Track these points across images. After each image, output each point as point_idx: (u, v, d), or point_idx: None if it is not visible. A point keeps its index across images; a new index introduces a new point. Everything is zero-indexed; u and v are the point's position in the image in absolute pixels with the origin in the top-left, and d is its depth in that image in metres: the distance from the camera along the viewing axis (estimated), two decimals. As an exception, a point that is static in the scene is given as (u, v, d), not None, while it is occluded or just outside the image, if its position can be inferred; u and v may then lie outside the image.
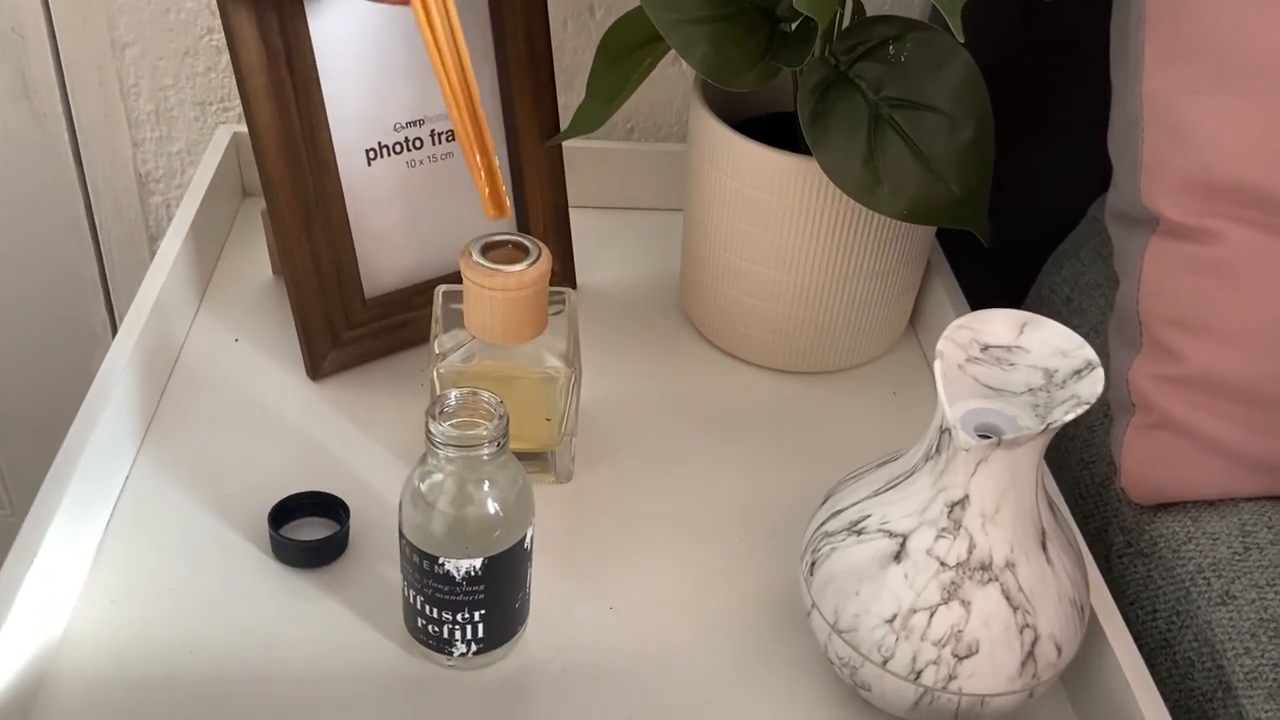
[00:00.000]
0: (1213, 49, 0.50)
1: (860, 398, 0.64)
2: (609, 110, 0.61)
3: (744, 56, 0.53)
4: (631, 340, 0.67)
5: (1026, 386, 0.44)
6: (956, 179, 0.54)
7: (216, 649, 0.48)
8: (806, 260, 0.61)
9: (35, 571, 0.46)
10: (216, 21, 0.76)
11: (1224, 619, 0.48)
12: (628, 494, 0.57)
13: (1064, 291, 0.68)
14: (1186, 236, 0.51)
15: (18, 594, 0.45)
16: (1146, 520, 0.54)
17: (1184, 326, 0.51)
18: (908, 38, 0.55)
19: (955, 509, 0.43)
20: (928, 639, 0.43)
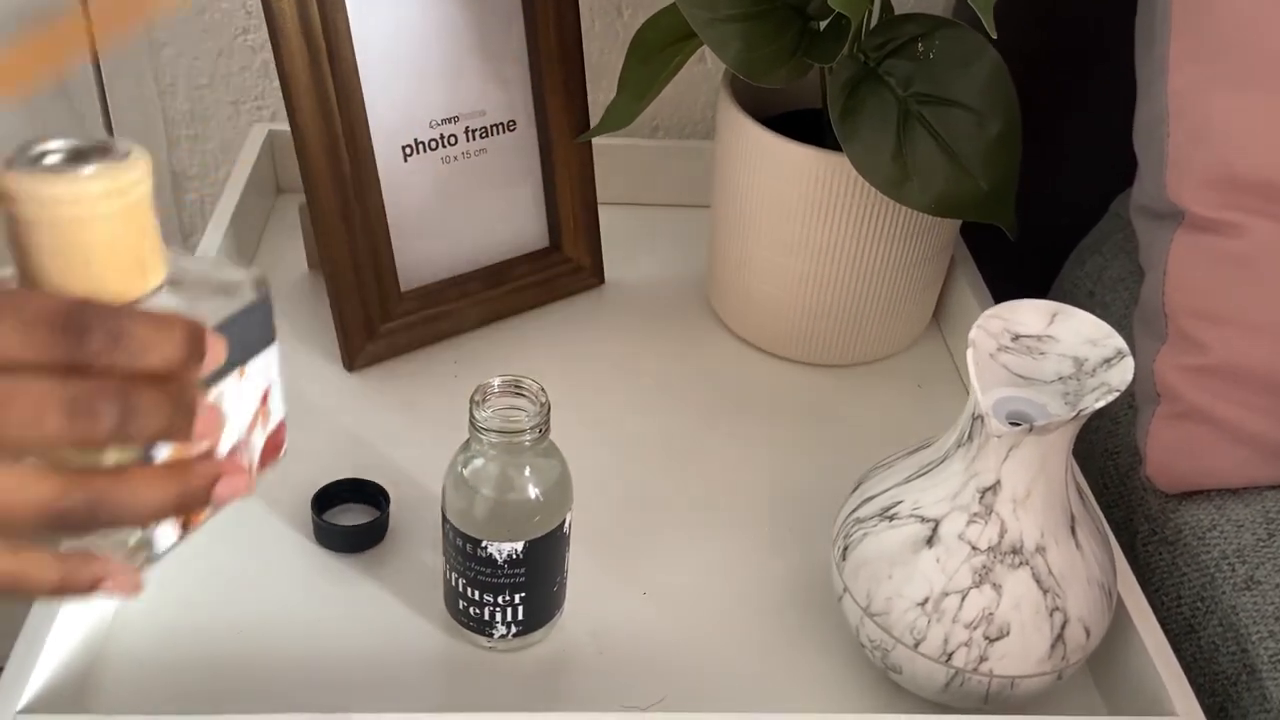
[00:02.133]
0: (1237, 47, 0.51)
1: (886, 390, 0.65)
2: (639, 107, 0.62)
3: (776, 54, 0.54)
4: (660, 334, 0.68)
5: (1057, 375, 0.45)
6: (984, 174, 0.55)
7: (261, 631, 0.49)
8: (834, 254, 0.62)
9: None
10: (251, 21, 0.78)
11: (1248, 604, 0.49)
12: (659, 484, 0.58)
13: (1087, 286, 0.69)
14: (1210, 230, 0.52)
15: (73, 575, 0.46)
16: (1171, 508, 0.55)
17: (1208, 317, 0.52)
18: (936, 35, 0.56)
19: (987, 494, 0.44)
20: (959, 621, 0.44)
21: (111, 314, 0.26)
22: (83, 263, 0.28)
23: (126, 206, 0.28)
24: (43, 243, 0.28)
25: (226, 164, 0.83)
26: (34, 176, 0.27)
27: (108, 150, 0.29)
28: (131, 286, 0.29)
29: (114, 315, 0.26)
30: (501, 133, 0.65)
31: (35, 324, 0.25)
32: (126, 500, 0.27)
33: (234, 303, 0.30)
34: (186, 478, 0.28)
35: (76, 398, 0.25)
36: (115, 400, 0.25)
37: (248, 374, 0.31)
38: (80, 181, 0.27)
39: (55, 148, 0.28)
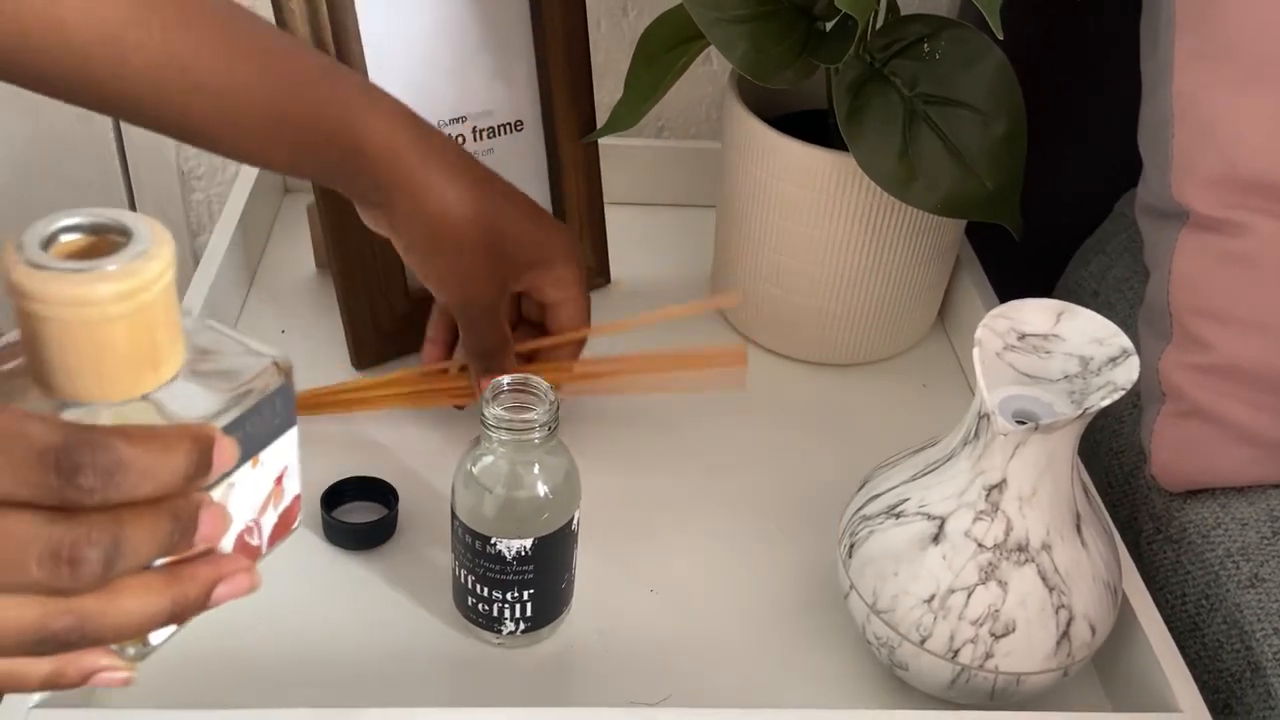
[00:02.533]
0: (1242, 47, 0.51)
1: (891, 389, 0.66)
2: (645, 107, 0.62)
3: (783, 54, 0.55)
4: (665, 334, 0.68)
5: (1063, 374, 0.45)
6: (989, 174, 0.56)
7: (270, 627, 0.49)
8: (839, 254, 0.62)
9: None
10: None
11: (1253, 601, 0.49)
12: (665, 482, 0.58)
13: (1091, 286, 0.69)
14: (1215, 229, 0.52)
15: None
16: (1176, 507, 0.55)
17: (1213, 317, 0.52)
18: (942, 36, 0.56)
19: (993, 492, 0.44)
20: (965, 618, 0.44)
21: (108, 446, 0.24)
22: (93, 361, 0.26)
23: (143, 305, 0.26)
24: (50, 338, 0.26)
25: (232, 164, 0.83)
26: (44, 275, 0.25)
27: (127, 233, 0.26)
28: (144, 381, 0.27)
29: (111, 448, 0.24)
30: (508, 133, 0.65)
31: (25, 463, 0.24)
32: (116, 619, 0.26)
33: (252, 389, 0.28)
34: (184, 586, 0.27)
35: (60, 547, 0.24)
36: (103, 544, 0.25)
37: (262, 461, 0.29)
38: (94, 284, 0.25)
39: (71, 225, 0.26)
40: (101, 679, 0.28)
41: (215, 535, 0.27)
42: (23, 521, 0.24)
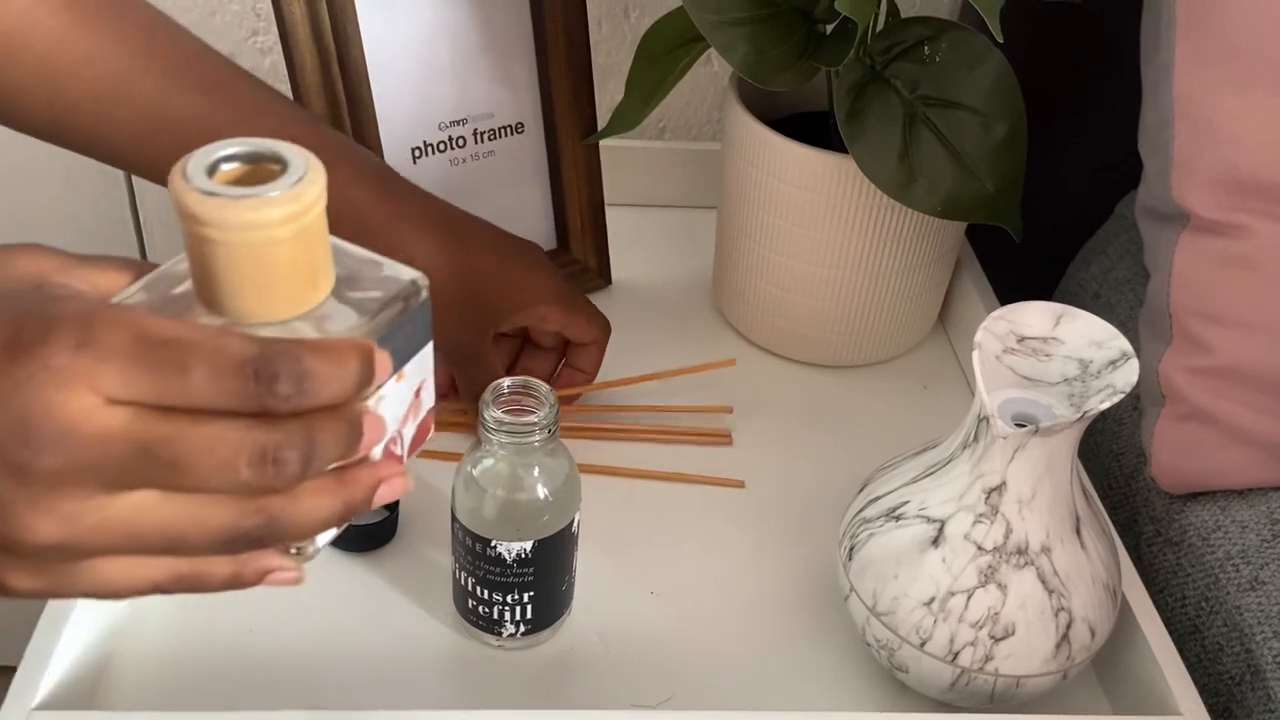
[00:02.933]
0: (1243, 49, 0.51)
1: (891, 391, 0.66)
2: (647, 109, 0.62)
3: (783, 57, 0.55)
4: (666, 335, 0.68)
5: (1062, 377, 0.45)
6: (990, 176, 0.56)
7: (272, 628, 0.50)
8: (839, 256, 0.62)
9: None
10: (261, 24, 0.78)
11: (1253, 604, 0.49)
12: (665, 484, 0.58)
13: (1092, 288, 0.69)
14: (1216, 231, 0.52)
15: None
16: (1176, 509, 0.55)
17: (1214, 319, 0.52)
18: (942, 38, 0.56)
19: (992, 495, 0.44)
20: (965, 621, 0.44)
21: (295, 357, 0.27)
22: (258, 282, 0.28)
23: (304, 228, 0.28)
24: (219, 260, 0.28)
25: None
26: (215, 201, 0.27)
27: (282, 161, 0.28)
28: (304, 301, 0.29)
29: (297, 358, 0.27)
30: (509, 135, 0.65)
31: (228, 373, 0.26)
32: (299, 518, 0.28)
33: (398, 306, 0.30)
34: (352, 489, 0.29)
35: (266, 449, 0.26)
36: (300, 447, 0.27)
37: (404, 375, 0.31)
38: (262, 208, 0.27)
39: (232, 154, 0.28)
40: (275, 578, 0.30)
41: (375, 442, 0.29)
42: (233, 428, 0.26)
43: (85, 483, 0.26)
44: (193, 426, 0.26)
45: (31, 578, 0.27)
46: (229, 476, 0.26)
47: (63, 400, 0.25)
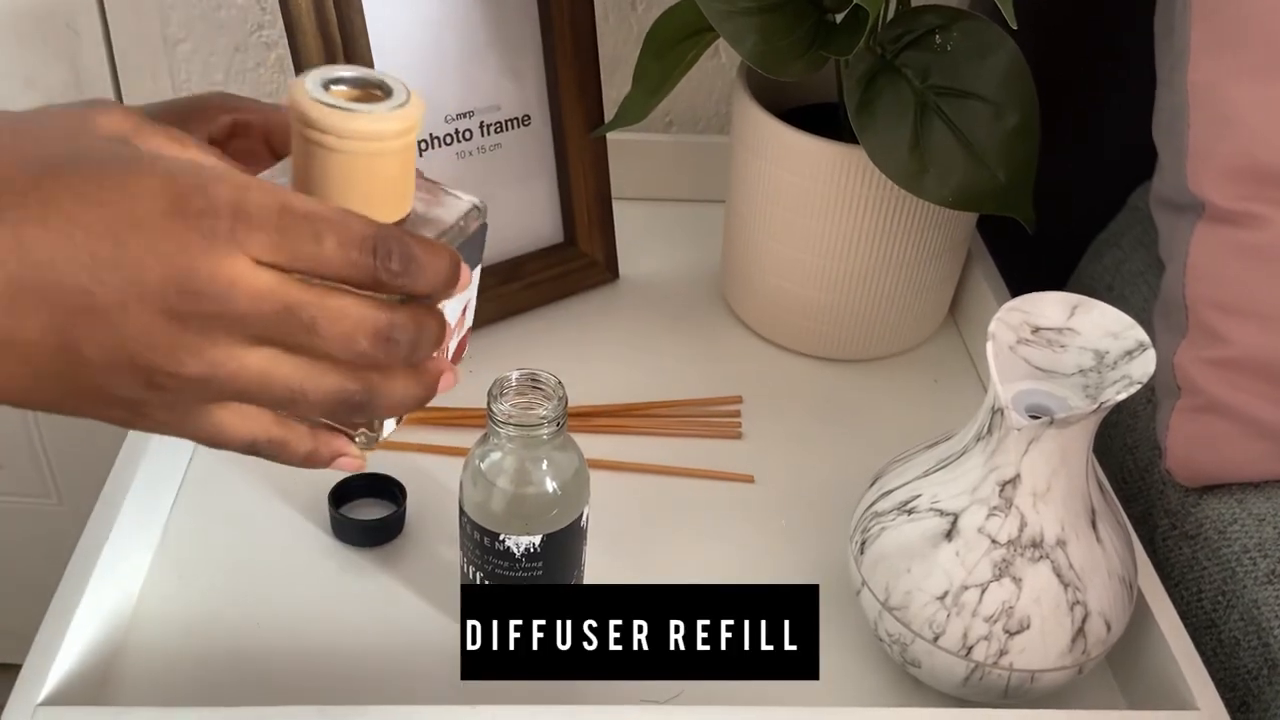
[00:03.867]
0: (1258, 36, 0.50)
1: (901, 385, 0.65)
2: (654, 101, 0.62)
3: (792, 47, 0.54)
4: (674, 329, 0.68)
5: (1077, 368, 0.45)
6: (1002, 166, 0.55)
7: (279, 624, 0.49)
8: (850, 248, 0.61)
9: (108, 551, 0.48)
10: (266, 17, 0.78)
11: (1270, 598, 0.49)
12: (675, 479, 0.58)
13: (1105, 279, 0.68)
14: (1232, 221, 0.52)
15: (93, 572, 0.47)
16: (1191, 503, 0.55)
17: (1229, 310, 0.52)
18: (954, 27, 0.56)
19: (1007, 488, 0.44)
20: (979, 615, 0.44)
21: (404, 242, 0.30)
22: (363, 191, 0.31)
23: (408, 144, 0.31)
24: (330, 169, 0.30)
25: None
26: (338, 112, 0.30)
27: (385, 87, 0.31)
28: (396, 211, 0.32)
29: (406, 243, 0.30)
30: (516, 128, 0.65)
31: (351, 244, 0.29)
32: (390, 396, 0.32)
33: (460, 227, 0.33)
34: (425, 378, 0.33)
35: (383, 328, 0.30)
36: (411, 332, 0.30)
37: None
38: (380, 121, 0.30)
39: (342, 77, 0.31)
40: (343, 462, 0.34)
41: (443, 340, 0.33)
42: (361, 304, 0.30)
43: (233, 333, 0.29)
44: (328, 296, 0.29)
45: (166, 411, 0.30)
46: (349, 346, 0.30)
47: (222, 261, 0.28)
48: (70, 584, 0.46)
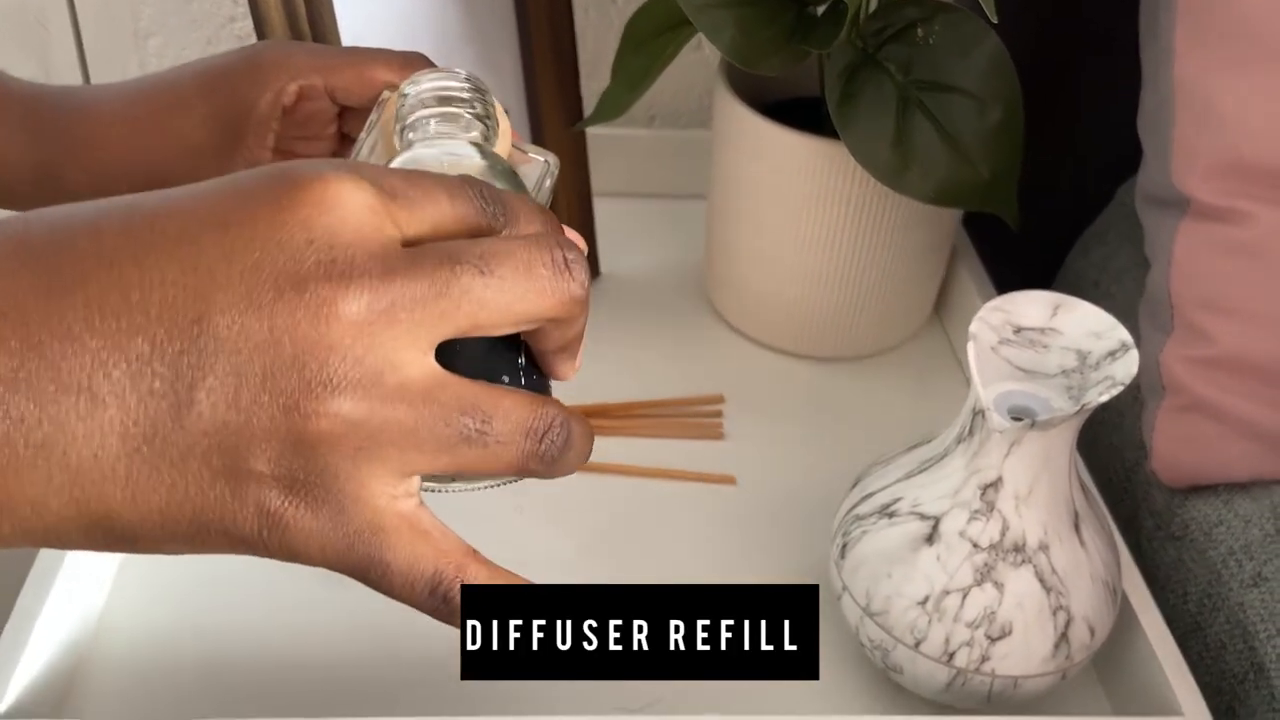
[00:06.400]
0: (1244, 31, 0.50)
1: (885, 383, 0.64)
2: (634, 96, 0.61)
3: (771, 40, 0.53)
4: (656, 326, 0.67)
5: (1060, 368, 0.44)
6: (985, 162, 0.54)
7: (252, 633, 0.48)
8: (832, 245, 0.60)
9: (71, 558, 0.47)
10: (238, 10, 0.76)
11: (1256, 601, 0.48)
12: (654, 481, 0.57)
13: (1092, 276, 0.67)
14: (1218, 218, 0.51)
15: (55, 580, 0.46)
16: (1177, 504, 0.54)
17: (1215, 308, 0.51)
18: (936, 20, 0.55)
19: (988, 491, 0.43)
20: (961, 620, 0.43)
21: (497, 189, 0.27)
22: None
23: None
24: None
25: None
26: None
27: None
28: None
29: (499, 191, 0.27)
30: (493, 123, 0.64)
31: (470, 195, 0.26)
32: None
33: (536, 184, 0.34)
34: None
35: (557, 255, 0.26)
36: (580, 254, 0.27)
37: None
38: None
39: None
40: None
41: None
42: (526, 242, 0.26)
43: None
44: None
45: (317, 496, 0.25)
46: (535, 274, 0.26)
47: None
48: (32, 593, 0.45)
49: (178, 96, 0.42)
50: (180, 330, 0.22)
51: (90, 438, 0.22)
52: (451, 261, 0.24)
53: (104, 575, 0.50)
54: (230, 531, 0.23)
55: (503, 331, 0.26)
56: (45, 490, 0.22)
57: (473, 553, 0.26)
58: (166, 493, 0.22)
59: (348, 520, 0.23)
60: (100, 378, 0.22)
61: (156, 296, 0.22)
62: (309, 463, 0.23)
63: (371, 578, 0.25)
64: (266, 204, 0.23)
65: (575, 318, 0.27)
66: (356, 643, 0.48)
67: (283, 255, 0.22)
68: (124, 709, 0.45)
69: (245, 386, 0.22)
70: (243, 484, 0.22)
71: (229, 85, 0.41)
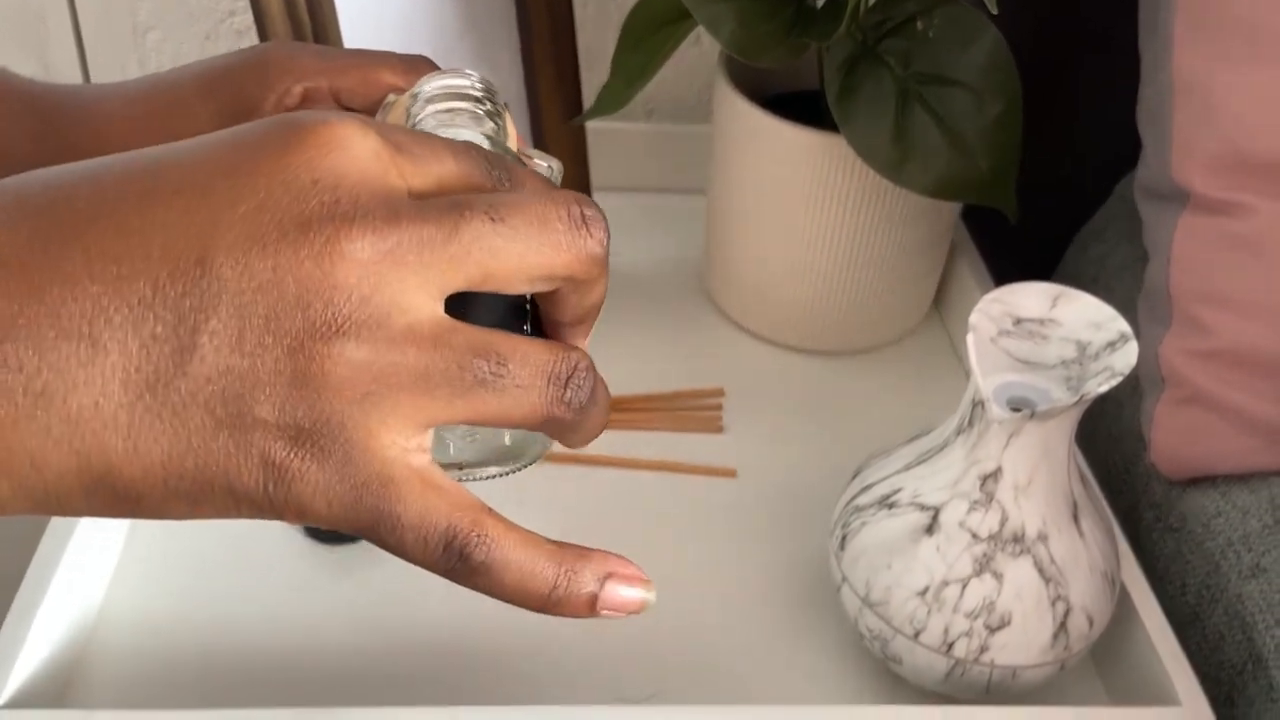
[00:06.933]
0: (1244, 23, 0.50)
1: (885, 377, 0.64)
2: (633, 90, 0.61)
3: (771, 33, 0.53)
4: (656, 320, 0.67)
5: (1059, 359, 0.44)
6: (985, 155, 0.54)
7: (249, 624, 0.48)
8: (832, 239, 0.61)
9: (72, 549, 0.47)
10: (238, 4, 0.76)
11: (1254, 592, 0.48)
12: (653, 474, 0.57)
13: (1090, 271, 0.68)
14: (1217, 211, 0.51)
15: (55, 572, 0.46)
16: (1176, 495, 0.54)
17: (1214, 301, 0.51)
18: (936, 13, 0.55)
19: (988, 481, 0.43)
20: (960, 611, 0.43)
21: (504, 158, 0.27)
22: None
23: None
24: None
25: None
26: None
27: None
28: None
29: (507, 159, 0.27)
30: (493, 116, 0.64)
31: (475, 156, 0.25)
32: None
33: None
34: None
35: (573, 210, 0.24)
36: (599, 217, 0.26)
37: None
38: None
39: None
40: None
41: None
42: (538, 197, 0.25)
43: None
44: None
45: (324, 447, 0.23)
46: (551, 228, 0.24)
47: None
48: (33, 583, 0.45)
49: (180, 97, 0.42)
50: (182, 273, 0.21)
51: (91, 385, 0.21)
52: (461, 207, 0.23)
53: (105, 567, 0.50)
54: (234, 487, 0.22)
55: (516, 288, 0.24)
56: (44, 442, 0.21)
57: (489, 509, 0.24)
58: (169, 444, 0.22)
59: (355, 470, 0.22)
60: (101, 323, 0.21)
61: (158, 240, 0.21)
62: (314, 409, 0.22)
63: (381, 533, 0.23)
64: (271, 149, 0.22)
65: (594, 280, 0.25)
66: (357, 633, 0.48)
67: (287, 196, 0.22)
68: (125, 699, 0.45)
69: (249, 329, 0.21)
70: (247, 433, 0.22)
71: (233, 86, 0.41)
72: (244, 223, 0.22)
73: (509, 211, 0.24)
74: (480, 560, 0.23)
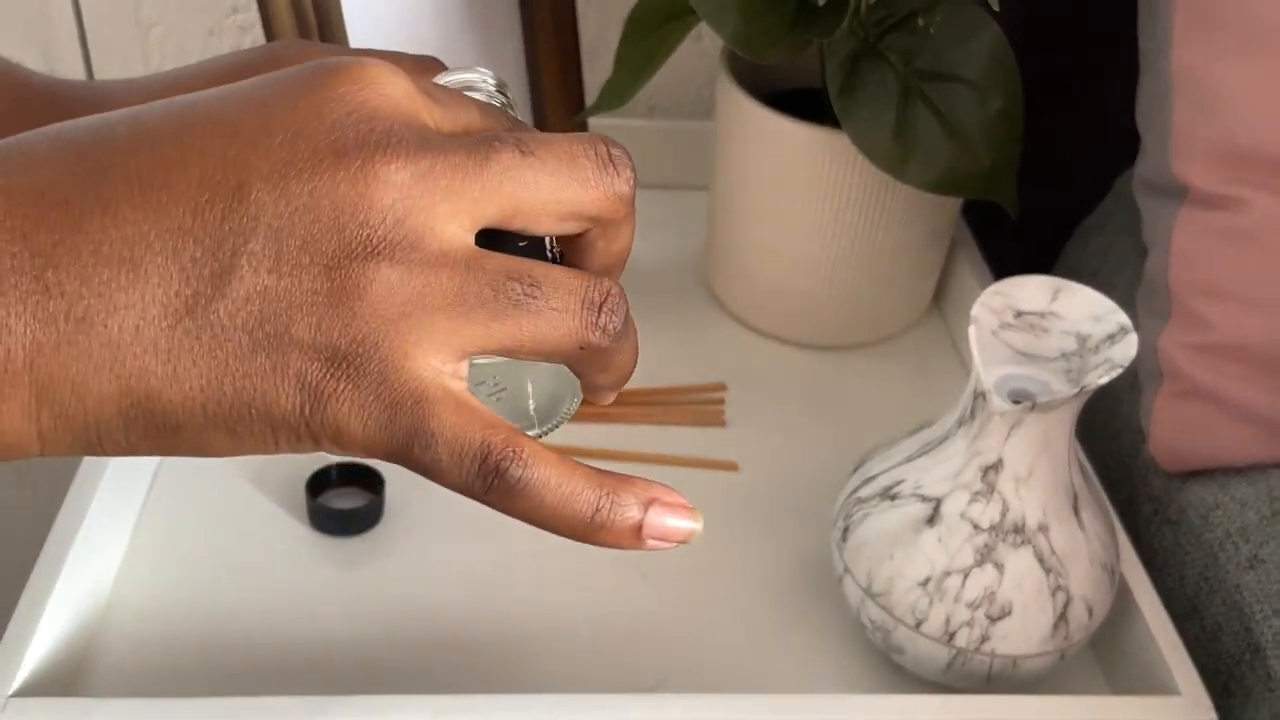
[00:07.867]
0: (1242, 17, 0.50)
1: (886, 371, 0.65)
2: (636, 85, 0.61)
3: (773, 29, 0.54)
4: (658, 315, 0.67)
5: (1059, 352, 0.44)
6: (986, 150, 0.55)
7: (257, 614, 0.49)
8: (834, 233, 0.61)
9: (81, 540, 0.47)
10: (241, 1, 0.77)
11: (1252, 583, 0.49)
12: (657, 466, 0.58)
13: (1091, 266, 0.68)
14: (1216, 205, 0.52)
15: (66, 561, 0.46)
16: (1175, 488, 0.55)
17: (1213, 295, 0.52)
18: (937, 10, 0.55)
19: (989, 473, 0.44)
20: (961, 601, 0.44)
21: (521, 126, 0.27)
22: None
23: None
24: None
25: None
26: None
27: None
28: None
29: (528, 128, 0.27)
30: (496, 112, 0.64)
31: (499, 114, 0.26)
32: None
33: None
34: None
35: (600, 149, 0.25)
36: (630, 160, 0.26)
37: None
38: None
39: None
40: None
41: None
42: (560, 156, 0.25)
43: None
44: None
45: (361, 367, 0.23)
46: (585, 184, 0.25)
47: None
48: (43, 573, 0.46)
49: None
50: (220, 198, 0.22)
51: (131, 308, 0.21)
52: (492, 139, 0.24)
53: (113, 557, 0.50)
54: (271, 411, 0.22)
55: (544, 226, 0.25)
56: (85, 367, 0.21)
57: (523, 434, 0.24)
58: (207, 367, 0.22)
59: (390, 389, 0.22)
60: (142, 249, 0.21)
61: (196, 168, 0.22)
62: (350, 329, 0.22)
63: (415, 453, 0.23)
64: (306, 86, 0.23)
65: (620, 221, 0.26)
66: (363, 623, 0.49)
67: (322, 126, 0.22)
68: (135, 687, 0.45)
69: (286, 250, 0.22)
70: (284, 354, 0.22)
71: (247, 74, 0.41)
72: (281, 150, 0.22)
73: (538, 146, 0.24)
74: (517, 477, 0.23)
